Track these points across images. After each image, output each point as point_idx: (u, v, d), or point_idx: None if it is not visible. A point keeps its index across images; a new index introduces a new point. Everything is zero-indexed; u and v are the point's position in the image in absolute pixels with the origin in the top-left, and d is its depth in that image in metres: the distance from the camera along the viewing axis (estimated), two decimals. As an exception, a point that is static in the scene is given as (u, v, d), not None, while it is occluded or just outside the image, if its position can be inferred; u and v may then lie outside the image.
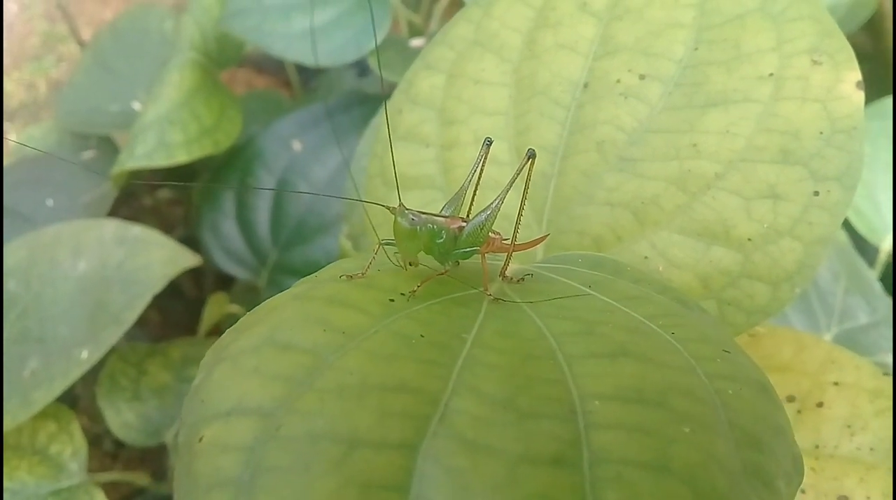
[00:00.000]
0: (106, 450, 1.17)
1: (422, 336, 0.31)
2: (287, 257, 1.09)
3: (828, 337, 0.76)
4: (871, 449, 0.50)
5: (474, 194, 0.44)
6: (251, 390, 0.28)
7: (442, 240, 0.38)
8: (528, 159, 0.41)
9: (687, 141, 0.49)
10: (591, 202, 0.51)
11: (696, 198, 0.48)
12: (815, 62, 0.49)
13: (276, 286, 1.08)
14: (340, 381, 0.28)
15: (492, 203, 0.39)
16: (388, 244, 0.38)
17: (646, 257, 0.48)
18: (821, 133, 0.47)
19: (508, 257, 0.40)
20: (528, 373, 0.29)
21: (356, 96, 1.17)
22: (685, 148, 0.49)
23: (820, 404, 0.51)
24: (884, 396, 0.51)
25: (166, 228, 1.40)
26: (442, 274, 0.37)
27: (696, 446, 0.27)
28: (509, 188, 0.40)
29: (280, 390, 0.28)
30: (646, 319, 0.34)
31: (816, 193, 0.46)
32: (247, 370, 0.29)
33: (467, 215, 0.42)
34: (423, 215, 0.37)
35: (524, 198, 0.41)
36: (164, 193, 1.41)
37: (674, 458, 0.26)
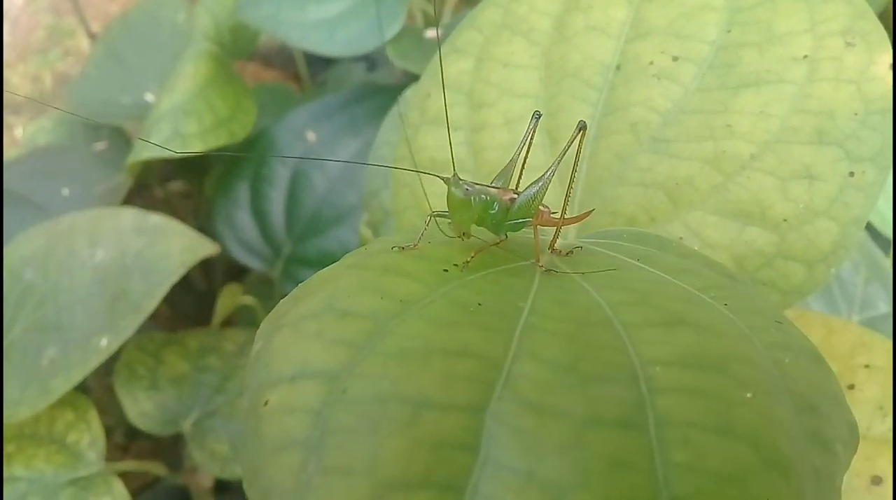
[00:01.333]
0: (117, 442, 1.17)
1: (479, 304, 0.31)
2: (301, 248, 1.09)
3: (856, 324, 0.77)
4: (904, 430, 0.50)
5: (522, 168, 0.44)
6: (314, 355, 0.28)
7: (494, 211, 0.38)
8: (580, 131, 0.41)
9: (721, 122, 0.49)
10: (623, 183, 0.51)
11: (730, 178, 0.48)
12: (848, 44, 0.49)
13: (291, 278, 1.09)
14: (403, 345, 0.28)
15: (543, 175, 0.39)
16: (439, 216, 0.39)
17: (680, 238, 0.48)
18: (855, 114, 0.47)
19: (558, 231, 0.40)
20: (587, 339, 0.30)
21: (369, 87, 1.17)
22: (719, 129, 0.49)
23: (851, 387, 0.52)
24: (915, 377, 0.51)
25: (178, 219, 1.40)
26: (495, 245, 0.38)
27: (758, 410, 0.27)
28: (560, 160, 0.40)
29: (343, 355, 0.28)
30: (697, 291, 0.34)
31: (852, 174, 0.47)
32: (308, 335, 0.29)
33: (516, 188, 0.43)
34: (477, 186, 0.38)
35: (574, 170, 0.41)
36: (176, 186, 1.42)
37: (737, 421, 0.26)
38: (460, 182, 0.37)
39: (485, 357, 0.28)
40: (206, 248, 0.89)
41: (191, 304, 1.33)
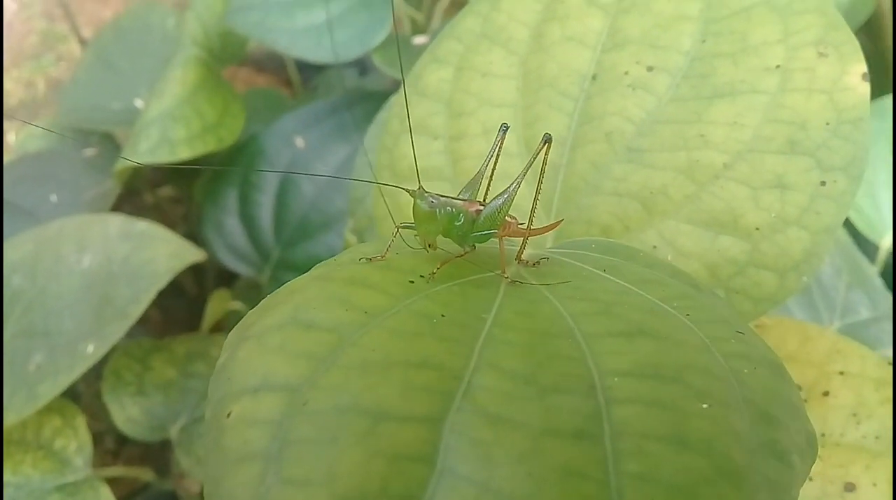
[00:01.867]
0: (107, 448, 1.17)
1: (442, 316, 0.31)
2: (290, 253, 1.10)
3: (832, 331, 0.77)
4: (877, 437, 0.50)
5: (490, 180, 0.44)
6: (277, 367, 0.28)
7: (460, 222, 0.38)
8: (545, 144, 0.41)
9: (695, 131, 0.50)
10: (599, 192, 0.51)
11: (704, 188, 0.49)
12: (821, 54, 0.49)
13: (279, 283, 1.08)
14: (364, 357, 0.29)
15: (508, 187, 0.40)
16: (405, 228, 0.39)
17: (654, 247, 0.49)
18: (827, 124, 0.48)
19: (524, 242, 0.41)
20: (548, 350, 0.30)
21: (359, 93, 1.17)
22: (693, 138, 0.50)
23: (826, 394, 0.52)
24: (888, 385, 0.52)
25: (168, 225, 1.40)
26: (460, 256, 0.38)
27: (714, 420, 0.27)
28: (525, 173, 0.41)
29: (305, 367, 0.28)
30: (660, 301, 0.34)
31: (823, 183, 0.47)
32: (272, 348, 0.29)
33: (483, 200, 0.43)
34: (442, 198, 0.38)
35: (540, 181, 0.41)
36: (166, 191, 1.42)
37: (692, 432, 0.27)
38: (425, 194, 0.38)
39: (445, 368, 0.28)
40: (192, 254, 0.89)
41: (182, 309, 1.33)
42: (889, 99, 1.07)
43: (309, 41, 1.02)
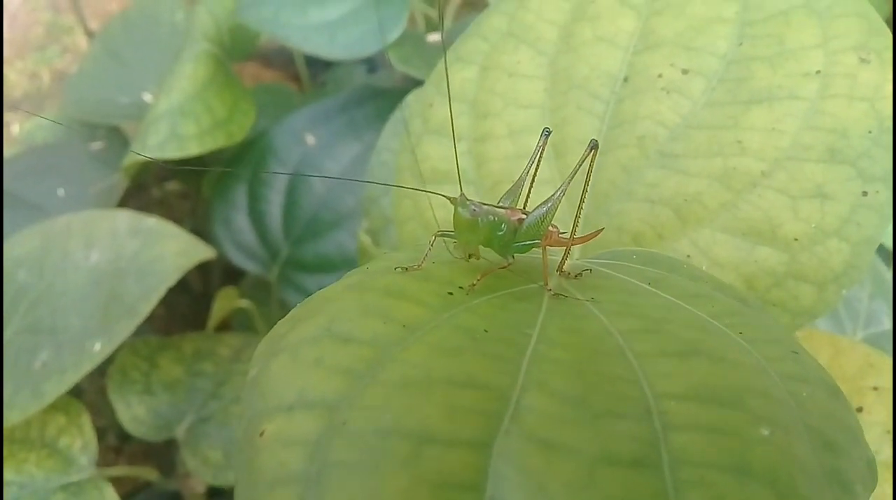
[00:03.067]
0: (110, 444, 1.16)
1: (485, 331, 0.30)
2: (299, 251, 1.08)
3: (864, 344, 0.76)
4: (912, 455, 0.49)
5: (531, 186, 0.43)
6: (313, 383, 0.27)
7: (502, 232, 0.37)
8: (591, 150, 0.40)
9: (731, 137, 0.48)
10: (630, 199, 0.50)
11: (740, 196, 0.47)
12: (862, 60, 0.48)
13: (288, 281, 1.07)
14: (405, 374, 0.27)
15: (552, 195, 0.38)
16: (443, 236, 0.37)
17: (688, 256, 0.47)
18: (869, 132, 0.46)
19: (567, 252, 0.39)
20: (598, 370, 0.28)
21: (369, 91, 1.16)
22: (729, 145, 0.48)
23: (860, 409, 0.51)
24: (924, 401, 0.50)
25: (175, 220, 1.39)
26: (503, 268, 0.36)
27: (776, 448, 0.26)
28: (570, 180, 0.39)
29: (343, 384, 0.27)
30: (711, 317, 0.33)
31: (865, 193, 0.45)
32: (307, 362, 0.28)
33: (524, 207, 0.42)
34: (485, 207, 0.36)
35: (585, 190, 0.40)
36: (173, 186, 1.40)
37: (755, 460, 0.25)
38: (467, 202, 0.36)
39: (491, 388, 0.27)
40: (201, 252, 0.88)
41: (187, 305, 1.32)
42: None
43: (321, 37, 1.00)
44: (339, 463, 0.25)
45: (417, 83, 0.74)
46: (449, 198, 0.36)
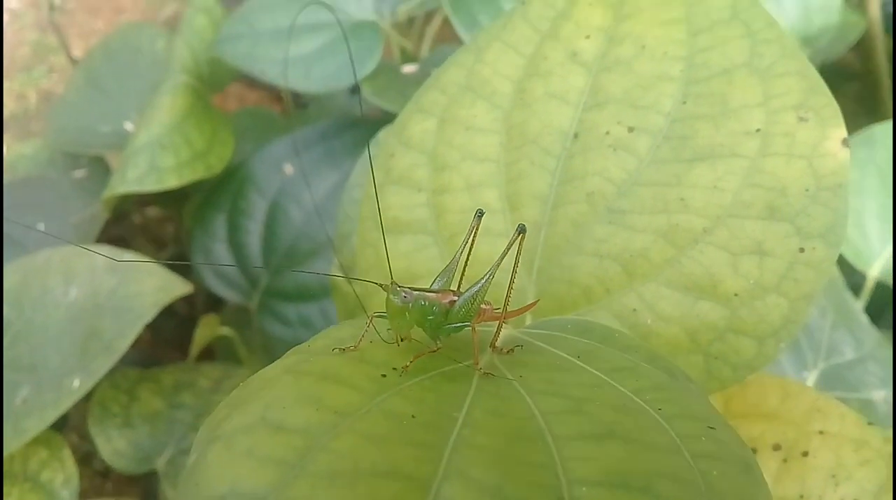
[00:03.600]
0: (96, 469, 1.17)
1: (413, 416, 0.31)
2: (278, 280, 1.10)
3: (814, 374, 0.77)
4: (855, 500, 0.50)
5: (465, 264, 0.44)
6: (244, 475, 0.28)
7: (433, 315, 0.38)
8: (519, 235, 0.41)
9: (675, 195, 0.50)
10: (580, 253, 0.52)
11: (683, 252, 0.49)
12: (801, 118, 0.49)
13: (268, 310, 1.09)
14: (332, 466, 0.28)
15: (483, 277, 0.40)
16: (380, 316, 0.39)
17: (634, 310, 0.49)
18: (806, 190, 0.48)
19: (499, 329, 0.41)
20: (517, 457, 0.30)
21: (348, 120, 1.17)
22: (673, 202, 0.50)
23: (805, 454, 0.52)
24: (868, 446, 0.52)
25: (157, 245, 1.41)
26: (434, 351, 0.38)
27: (680, 533, 0.27)
28: (500, 262, 0.41)
29: (273, 475, 0.28)
30: (633, 393, 0.34)
31: (802, 250, 0.47)
32: (240, 452, 0.29)
33: (458, 287, 0.43)
34: (415, 292, 0.38)
35: (514, 271, 0.41)
36: (155, 212, 1.42)
37: (658, 547, 0.27)
38: (398, 289, 0.37)
39: (413, 478, 0.28)
40: (179, 288, 0.89)
41: (171, 329, 1.33)
42: (877, 127, 1.07)
43: (297, 71, 1.02)
44: (266, 557, 0.26)
45: (393, 116, 0.76)
46: (381, 285, 0.38)
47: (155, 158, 1.03)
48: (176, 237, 1.41)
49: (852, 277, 1.00)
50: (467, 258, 0.44)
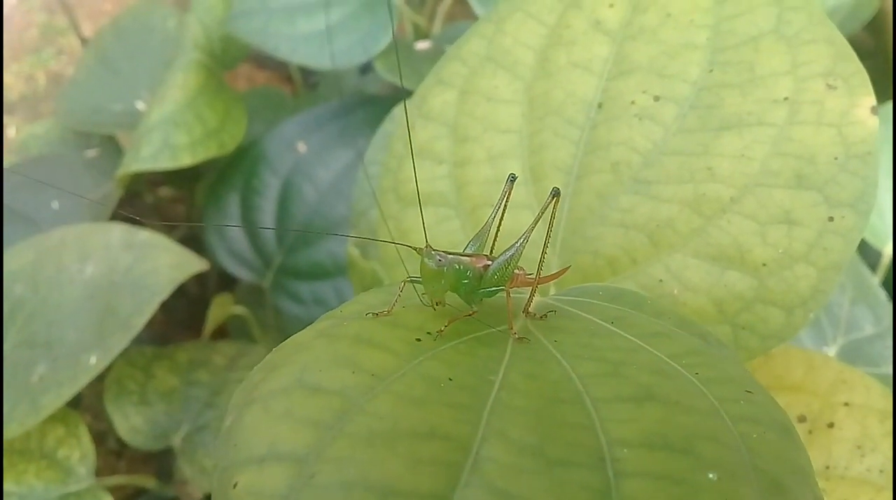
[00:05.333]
0: (111, 448, 1.18)
1: (450, 379, 0.31)
2: (292, 259, 1.10)
3: (834, 349, 0.77)
4: (881, 471, 0.50)
5: (497, 231, 0.44)
6: (283, 436, 0.28)
7: (468, 279, 0.38)
8: (553, 198, 0.41)
9: (702, 164, 0.49)
10: (605, 223, 0.51)
11: (710, 222, 0.48)
12: (829, 86, 0.49)
13: (282, 289, 1.09)
14: (371, 426, 0.28)
15: (516, 242, 0.39)
16: (414, 281, 0.39)
17: (661, 281, 0.49)
18: (836, 158, 0.47)
19: (532, 293, 0.40)
20: (556, 418, 0.30)
21: (360, 98, 1.17)
22: (700, 171, 0.49)
23: (831, 425, 0.52)
24: (892, 417, 0.51)
25: (169, 227, 1.41)
26: (469, 315, 0.38)
27: (722, 493, 0.27)
28: (534, 227, 0.40)
29: (311, 436, 0.28)
30: (669, 358, 0.34)
31: (831, 219, 0.47)
32: (278, 414, 0.29)
33: (491, 251, 0.43)
34: (450, 256, 0.38)
35: (548, 235, 0.41)
36: (166, 192, 1.42)
37: (701, 507, 0.27)
38: (433, 253, 0.37)
39: (453, 439, 0.28)
40: (194, 264, 0.89)
41: (184, 309, 1.33)
42: (891, 106, 1.07)
43: (311, 47, 1.01)
44: (307, 516, 0.26)
45: (408, 93, 0.75)
46: (415, 248, 0.38)
47: (168, 136, 1.02)
48: (187, 217, 1.41)
49: (868, 254, 0.99)
50: (500, 224, 0.44)
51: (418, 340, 0.34)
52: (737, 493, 0.27)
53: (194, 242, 1.09)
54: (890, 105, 1.06)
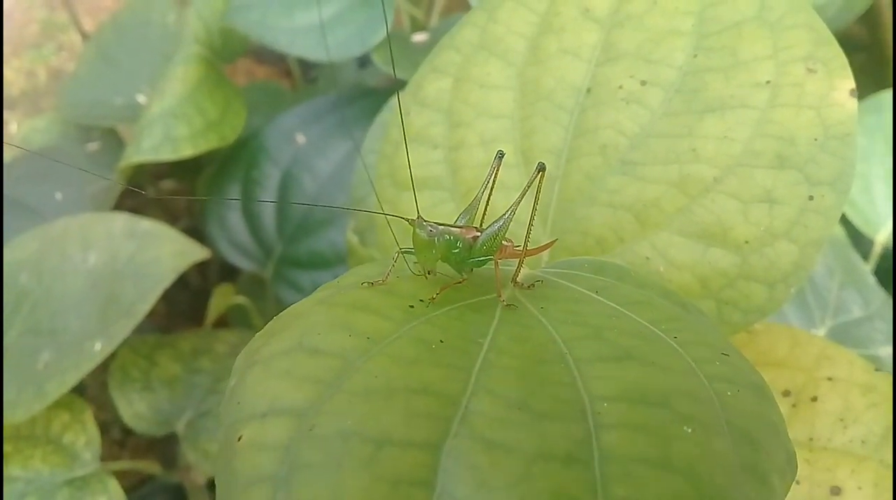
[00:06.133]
0: (114, 438, 1.19)
1: (441, 341, 0.33)
2: (293, 249, 1.11)
3: (822, 331, 0.79)
4: (863, 442, 0.52)
5: (487, 204, 0.46)
6: (284, 392, 0.30)
7: (458, 249, 0.40)
8: (539, 172, 0.43)
9: (686, 146, 0.51)
10: (594, 204, 0.53)
11: (695, 201, 0.50)
12: (809, 70, 0.50)
13: (282, 278, 1.11)
14: (367, 383, 0.30)
15: (504, 214, 0.41)
16: (406, 253, 0.41)
17: (647, 258, 0.50)
18: (815, 139, 0.49)
19: (520, 264, 0.42)
20: (541, 376, 0.32)
21: (359, 90, 1.18)
22: (685, 152, 0.51)
23: (814, 399, 0.54)
24: (875, 390, 0.53)
25: (171, 219, 1.42)
26: (459, 283, 0.40)
27: (697, 444, 0.29)
28: (521, 199, 0.42)
29: (311, 392, 0.30)
30: (649, 323, 0.36)
31: (811, 198, 0.48)
32: (279, 373, 0.31)
33: (481, 225, 0.45)
34: (441, 226, 0.40)
35: (534, 208, 0.43)
36: (169, 185, 1.43)
37: (676, 455, 0.28)
38: (424, 223, 0.39)
39: (444, 395, 0.30)
40: (196, 253, 0.91)
41: (186, 301, 1.35)
42: (885, 94, 1.08)
43: (308, 40, 1.03)
44: (307, 465, 0.28)
45: (404, 83, 0.77)
46: (407, 219, 0.40)
47: (169, 128, 1.04)
48: (189, 210, 1.42)
49: (860, 243, 1.01)
50: (489, 197, 0.45)
51: (411, 306, 0.36)
52: (710, 444, 0.29)
53: (195, 233, 1.11)
54: (882, 95, 1.07)
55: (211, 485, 1.00)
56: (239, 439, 0.29)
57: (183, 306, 1.35)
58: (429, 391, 0.30)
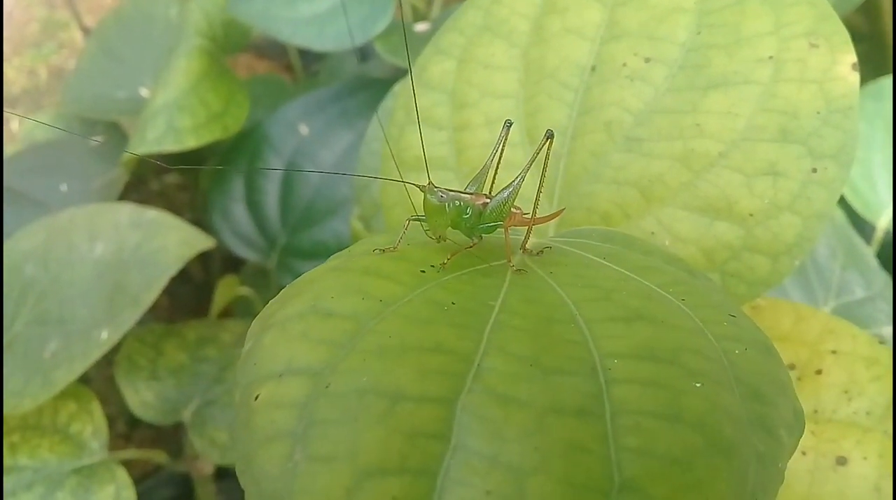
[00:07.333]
0: (119, 432, 1.20)
1: (453, 303, 0.34)
2: (297, 239, 1.12)
3: (826, 311, 0.79)
4: (867, 413, 0.52)
5: (495, 173, 0.46)
6: (300, 353, 0.31)
7: (468, 215, 0.41)
8: (547, 139, 0.43)
9: (690, 121, 0.51)
10: (599, 180, 0.53)
11: (699, 176, 0.51)
12: (812, 45, 0.51)
13: (286, 269, 1.11)
14: (381, 343, 0.31)
15: (513, 181, 0.42)
16: (416, 220, 0.41)
17: (652, 233, 0.51)
18: (818, 113, 0.50)
19: (529, 231, 0.43)
20: (552, 335, 0.32)
21: (361, 81, 1.19)
22: (689, 128, 0.51)
23: (819, 372, 0.54)
24: (879, 363, 0.54)
25: (174, 212, 1.43)
26: (469, 248, 0.40)
27: (706, 397, 0.30)
28: (530, 166, 0.43)
29: (326, 353, 0.30)
30: (657, 287, 0.36)
31: (814, 170, 0.49)
32: (294, 335, 0.31)
33: (489, 193, 0.45)
34: (451, 193, 0.40)
35: (543, 175, 0.43)
36: (172, 178, 1.44)
37: (685, 408, 0.29)
38: (435, 189, 0.40)
39: (457, 353, 0.31)
40: (201, 242, 0.91)
41: (189, 294, 1.35)
42: (886, 80, 1.08)
43: (311, 30, 1.03)
44: (324, 420, 0.28)
45: (406, 73, 0.78)
46: (419, 186, 0.40)
47: (172, 120, 1.05)
48: (192, 204, 1.43)
49: (862, 228, 1.02)
50: (497, 166, 0.46)
51: (423, 271, 0.37)
52: (718, 397, 0.30)
53: (199, 226, 1.11)
54: (882, 82, 1.08)
55: (218, 474, 1.00)
56: (256, 398, 0.30)
57: (186, 299, 1.36)
58: (442, 349, 0.31)
